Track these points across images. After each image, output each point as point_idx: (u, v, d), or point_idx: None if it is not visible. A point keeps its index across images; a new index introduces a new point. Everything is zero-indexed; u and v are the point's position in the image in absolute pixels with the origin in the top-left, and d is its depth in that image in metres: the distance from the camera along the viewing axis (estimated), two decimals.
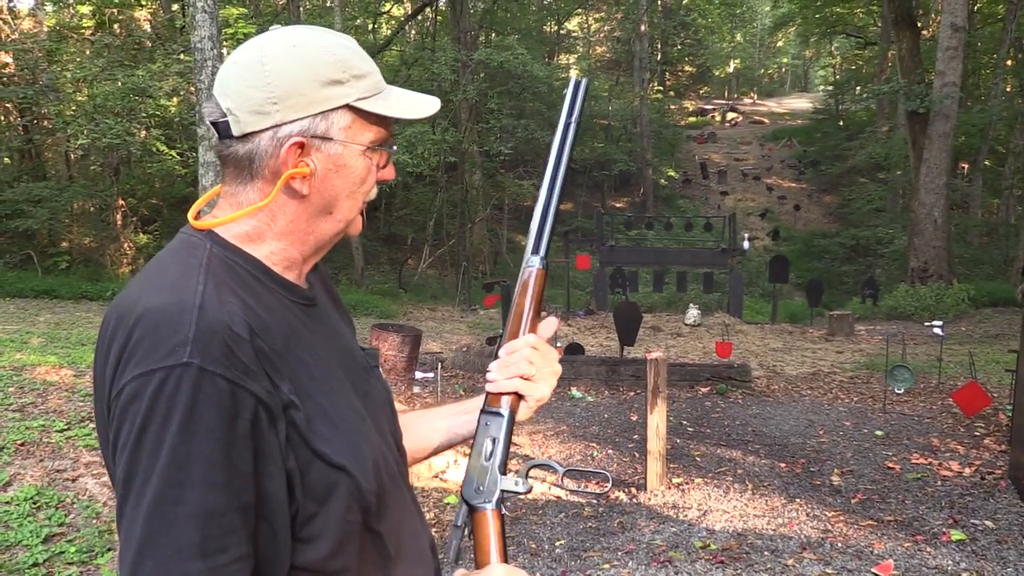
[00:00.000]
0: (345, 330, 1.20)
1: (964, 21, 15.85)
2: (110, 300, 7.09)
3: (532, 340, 1.16)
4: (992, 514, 4.70)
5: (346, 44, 1.03)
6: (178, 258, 1.00)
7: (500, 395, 1.14)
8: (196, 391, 0.86)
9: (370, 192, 1.08)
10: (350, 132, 1.02)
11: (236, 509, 0.88)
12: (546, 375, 1.16)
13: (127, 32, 19.10)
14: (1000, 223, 22.98)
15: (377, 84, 1.04)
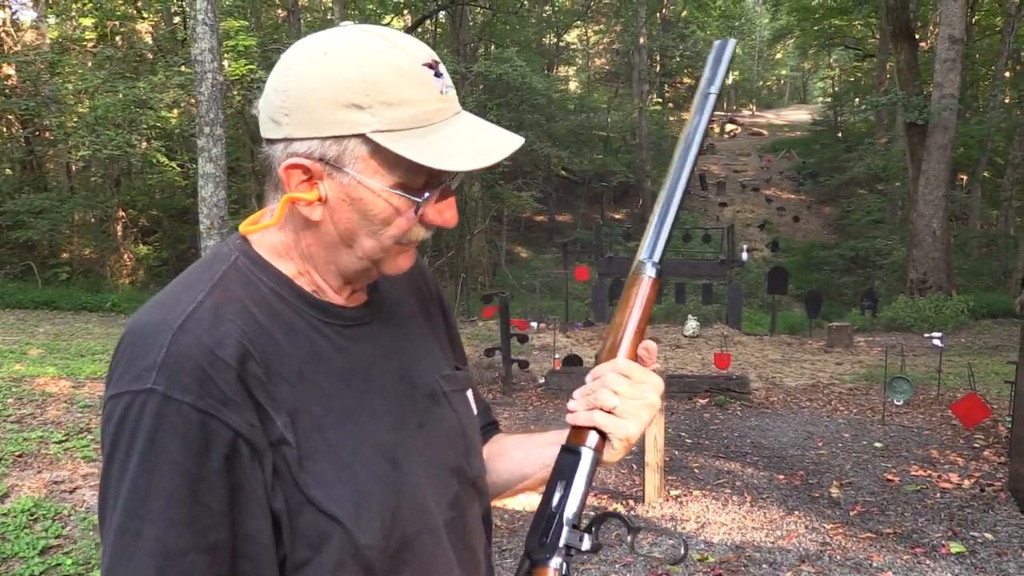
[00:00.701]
0: (415, 350, 1.06)
1: (962, 33, 15.92)
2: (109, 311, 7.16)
3: (621, 364, 0.97)
4: (992, 526, 4.69)
5: (395, 61, 0.86)
6: (196, 269, 0.94)
7: (581, 430, 0.96)
8: (159, 420, 0.80)
9: (405, 236, 0.93)
10: (368, 167, 0.87)
11: (200, 549, 0.80)
12: (635, 409, 0.95)
13: (129, 44, 19.20)
14: (999, 234, 23.01)
15: (418, 117, 0.86)
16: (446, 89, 0.90)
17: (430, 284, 1.18)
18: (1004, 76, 22.21)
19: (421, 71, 0.87)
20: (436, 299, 1.18)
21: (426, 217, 0.93)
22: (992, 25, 25.09)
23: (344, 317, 0.97)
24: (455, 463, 1.04)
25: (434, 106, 0.88)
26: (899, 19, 17.37)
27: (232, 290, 0.90)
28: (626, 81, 33.82)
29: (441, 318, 1.18)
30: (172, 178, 18.38)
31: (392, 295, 1.08)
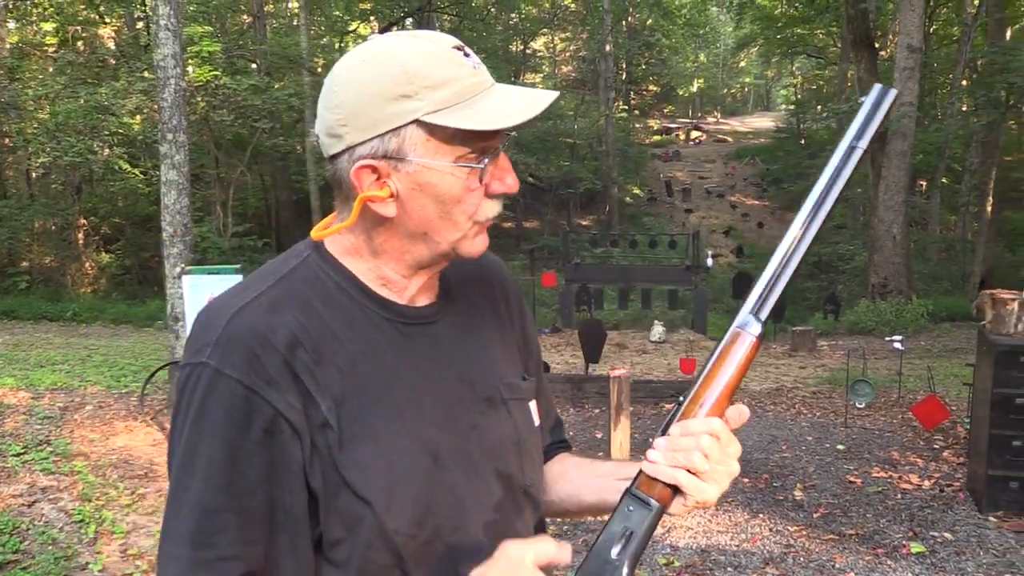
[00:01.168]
0: (479, 354, 1.09)
1: (920, 42, 16.23)
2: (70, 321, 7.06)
3: (716, 426, 0.95)
4: (951, 526, 4.78)
5: (427, 50, 0.93)
6: (271, 264, 1.03)
7: (656, 481, 0.95)
8: (209, 390, 0.90)
9: (477, 211, 0.98)
10: (428, 149, 0.93)
11: (232, 510, 0.90)
12: (719, 475, 0.95)
13: (91, 50, 18.96)
14: (957, 239, 23.45)
15: (461, 92, 0.92)
16: (477, 65, 0.96)
17: (509, 293, 1.21)
18: (961, 85, 22.66)
19: (451, 52, 0.94)
20: (514, 308, 1.21)
21: (490, 189, 0.97)
22: (949, 35, 25.62)
23: (406, 315, 1.03)
24: (506, 469, 1.06)
25: (471, 80, 0.94)
26: (859, 28, 17.68)
27: (297, 284, 0.98)
28: (592, 88, 33.98)
29: (516, 327, 1.20)
30: (135, 185, 18.13)
31: (464, 299, 1.12)
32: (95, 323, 15.21)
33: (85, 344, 11.33)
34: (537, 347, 1.26)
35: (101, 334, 13.51)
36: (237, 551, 0.90)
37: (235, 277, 5.21)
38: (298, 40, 19.46)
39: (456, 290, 1.11)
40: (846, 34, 22.25)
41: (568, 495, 1.18)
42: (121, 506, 4.71)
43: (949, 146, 21.13)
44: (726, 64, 55.48)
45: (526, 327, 1.22)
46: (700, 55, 51.14)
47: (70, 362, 8.94)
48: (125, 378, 7.88)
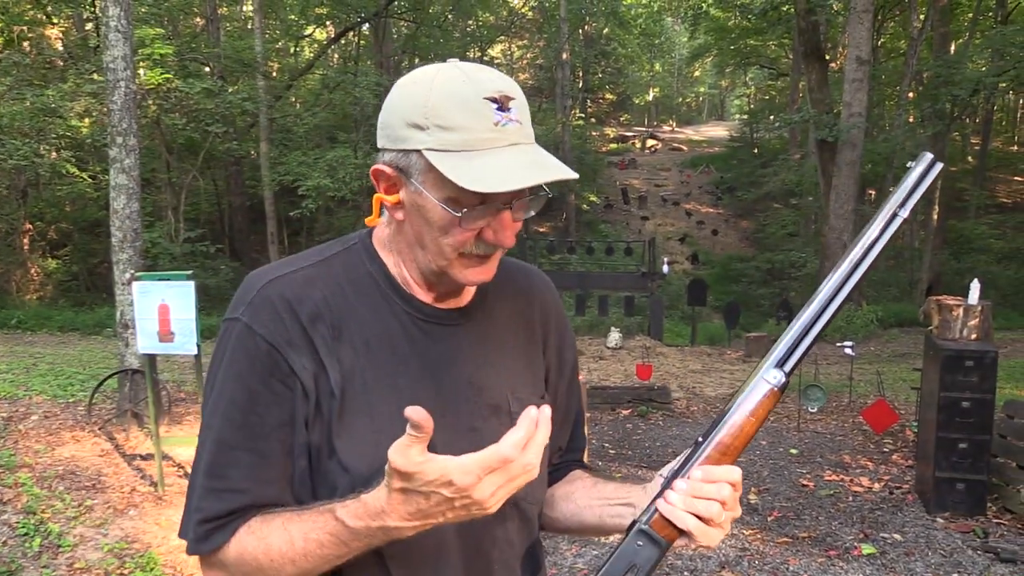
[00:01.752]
0: (497, 364, 1.14)
1: (868, 55, 16.60)
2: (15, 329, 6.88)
3: (735, 477, 1.00)
4: (900, 527, 4.87)
5: (459, 92, 0.97)
6: (318, 247, 1.13)
7: (670, 522, 0.99)
8: (239, 342, 1.02)
9: (463, 246, 1.02)
10: (427, 179, 1.00)
11: (246, 449, 1.01)
12: (727, 523, 1.01)
13: (37, 51, 18.51)
14: (905, 247, 23.99)
15: (469, 142, 0.96)
16: (507, 122, 0.99)
17: (550, 316, 1.25)
18: (908, 96, 23.23)
19: (480, 103, 0.97)
20: (551, 331, 1.25)
21: (483, 235, 1.02)
22: (897, 48, 26.27)
23: (425, 312, 1.10)
24: None
25: (484, 135, 0.97)
26: (810, 40, 18.03)
27: (334, 267, 1.09)
28: (549, 96, 34.15)
29: (550, 350, 1.24)
30: (83, 190, 17.74)
31: (497, 310, 1.17)
32: (41, 331, 14.83)
33: (30, 352, 11.04)
34: (573, 373, 1.30)
35: (47, 342, 13.17)
36: (247, 486, 1.01)
37: (187, 284, 5.10)
38: (252, 44, 19.22)
39: (492, 300, 1.17)
40: (797, 46, 22.67)
41: (571, 513, 1.21)
42: (67, 518, 4.58)
43: (896, 156, 21.61)
44: (681, 74, 56.17)
45: (563, 351, 1.27)
46: (655, 64, 51.71)
47: (14, 371, 8.69)
48: (72, 387, 7.68)
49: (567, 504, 1.21)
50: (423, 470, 0.85)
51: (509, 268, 1.24)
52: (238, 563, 1.01)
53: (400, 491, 0.88)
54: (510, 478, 0.88)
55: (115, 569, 4.11)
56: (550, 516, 1.24)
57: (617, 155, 39.98)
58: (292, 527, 0.97)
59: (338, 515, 0.94)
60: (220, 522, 1.01)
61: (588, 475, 1.28)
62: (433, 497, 0.87)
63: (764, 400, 1.01)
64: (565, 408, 1.27)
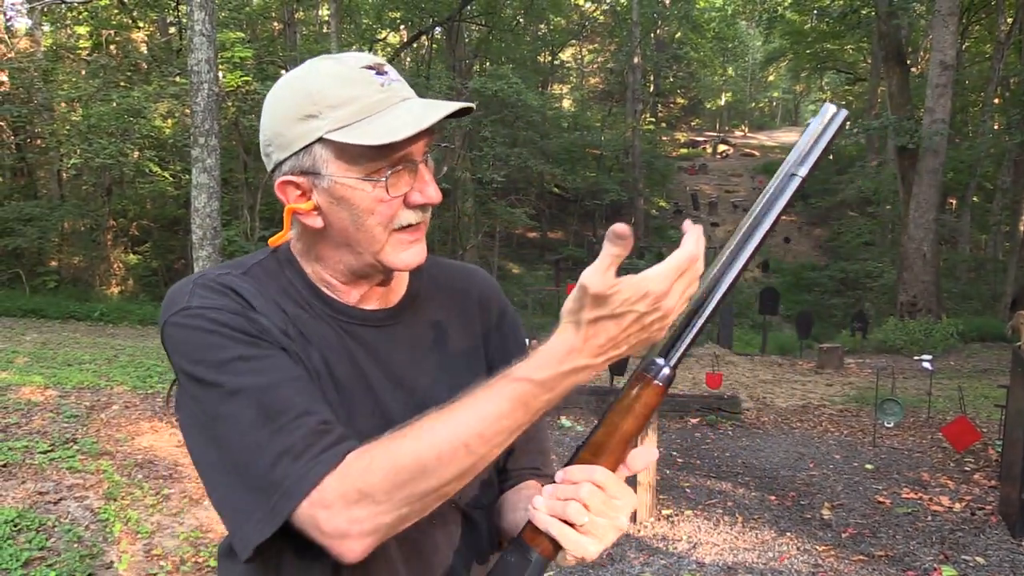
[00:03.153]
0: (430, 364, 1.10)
1: (953, 59, 16.08)
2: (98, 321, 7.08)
3: (598, 476, 0.89)
4: (983, 550, 4.68)
5: (333, 71, 0.98)
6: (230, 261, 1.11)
7: (537, 531, 0.90)
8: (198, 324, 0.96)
9: (392, 220, 1.00)
10: (339, 165, 0.97)
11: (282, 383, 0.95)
12: (601, 529, 0.88)
13: (123, 53, 19.18)
14: (988, 259, 23.16)
15: (363, 109, 0.96)
16: (389, 82, 0.99)
17: (491, 311, 1.21)
18: (994, 102, 22.41)
19: (360, 72, 0.98)
20: (493, 326, 1.20)
21: (409, 199, 1.00)
22: (982, 52, 25.36)
23: (349, 315, 1.07)
24: None
25: (375, 97, 0.97)
26: (891, 44, 17.53)
27: (259, 275, 1.06)
28: (620, 100, 33.96)
29: (493, 345, 1.19)
30: (164, 188, 18.32)
31: (430, 309, 1.15)
32: (122, 324, 15.36)
33: (112, 344, 11.43)
34: None
35: (128, 335, 13.63)
36: (307, 407, 0.91)
37: None
38: (328, 48, 19.58)
39: (424, 300, 1.15)
40: (877, 50, 22.09)
41: (513, 523, 1.10)
42: (146, 506, 4.72)
43: (980, 164, 20.91)
44: (754, 78, 55.27)
45: (508, 346, 1.19)
46: (728, 69, 50.97)
47: (97, 362, 9.01)
48: (151, 379, 7.92)
49: (512, 514, 1.13)
50: (620, 288, 0.81)
51: (447, 268, 1.22)
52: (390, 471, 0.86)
53: (592, 322, 0.82)
54: (691, 280, 0.84)
55: (190, 557, 4.21)
56: (500, 525, 1.15)
57: (687, 160, 39.58)
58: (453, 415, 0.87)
59: (519, 375, 0.86)
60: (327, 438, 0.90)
61: (540, 483, 1.18)
62: (626, 318, 0.82)
63: (645, 396, 0.88)
64: None
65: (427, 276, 1.18)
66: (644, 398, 0.89)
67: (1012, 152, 20.35)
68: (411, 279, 1.16)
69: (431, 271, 1.19)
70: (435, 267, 1.20)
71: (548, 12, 29.14)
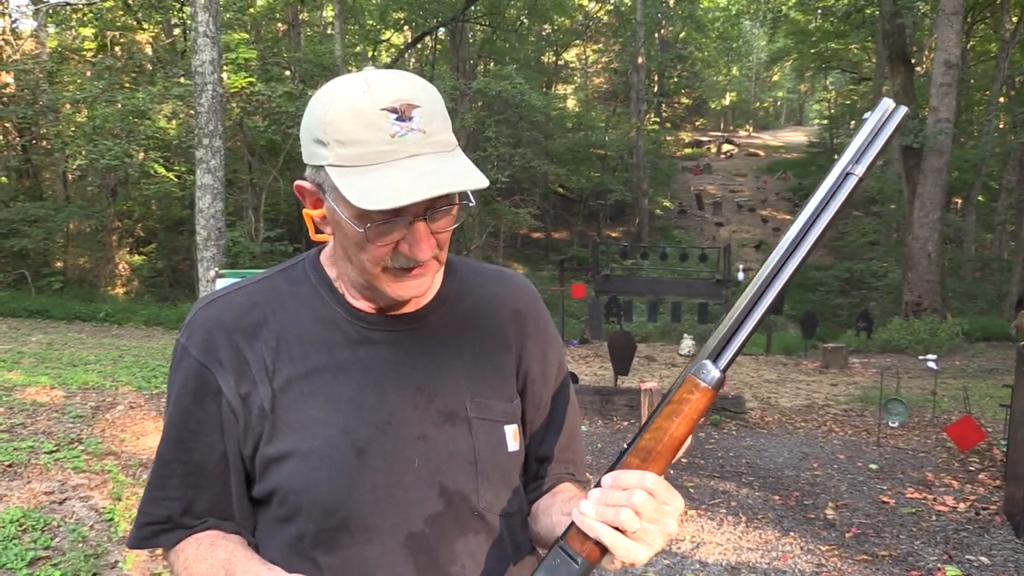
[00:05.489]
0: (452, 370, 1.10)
1: (958, 58, 16.04)
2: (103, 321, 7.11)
3: (651, 482, 0.87)
4: (987, 550, 4.67)
5: (354, 104, 0.94)
6: (278, 265, 1.17)
7: (586, 536, 0.89)
8: (178, 363, 1.08)
9: (381, 261, 1.00)
10: (336, 195, 0.97)
11: (180, 462, 1.07)
12: (651, 535, 0.88)
13: (128, 55, 19.23)
14: (993, 258, 23.10)
15: (365, 156, 0.93)
16: (406, 132, 0.94)
17: (525, 317, 1.19)
18: (999, 101, 22.36)
19: (377, 115, 0.93)
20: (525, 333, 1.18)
21: (399, 248, 0.99)
22: (987, 51, 25.31)
23: (368, 320, 1.09)
24: (454, 487, 1.05)
25: (380, 148, 0.93)
26: (895, 44, 17.49)
27: (279, 282, 1.12)
28: (624, 100, 33.96)
29: (524, 353, 1.18)
30: (169, 189, 18.36)
31: (459, 314, 1.14)
32: (127, 324, 15.39)
33: (117, 345, 11.46)
34: (559, 378, 1.22)
35: (133, 335, 13.66)
36: (180, 494, 1.08)
37: None
38: (332, 48, 19.61)
39: (453, 304, 1.14)
40: (881, 49, 22.04)
41: (547, 528, 1.12)
42: None
43: (986, 164, 20.85)
44: (759, 78, 55.21)
45: (546, 359, 1.20)
46: (733, 68, 50.95)
47: (102, 362, 9.03)
48: (156, 379, 7.94)
49: (545, 518, 1.13)
50: None
51: (482, 273, 1.21)
52: (176, 569, 1.09)
53: None
54: None
55: None
56: (534, 530, 1.17)
57: (692, 160, 39.55)
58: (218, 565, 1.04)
59: None
60: (163, 526, 1.09)
61: (574, 487, 1.20)
62: None
63: (695, 400, 0.88)
64: (550, 417, 1.20)
65: (459, 280, 1.17)
66: (694, 402, 0.88)
67: (1017, 151, 20.31)
68: (443, 282, 1.15)
69: (464, 275, 1.18)
70: (469, 270, 1.20)
71: (552, 12, 29.13)
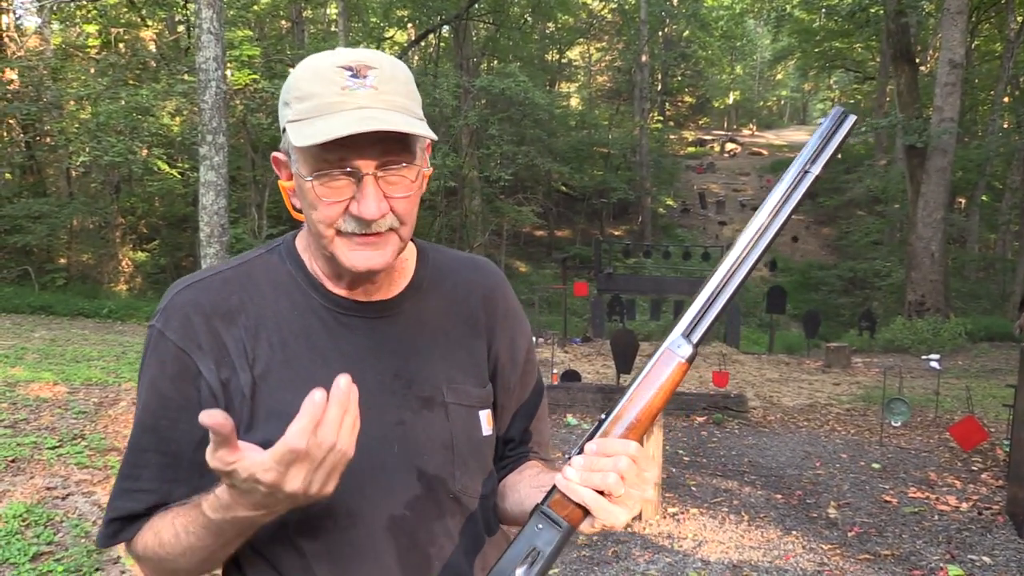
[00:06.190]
0: (429, 356, 1.12)
1: (962, 58, 16.01)
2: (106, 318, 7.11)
3: (634, 449, 0.93)
4: (990, 550, 4.66)
5: (315, 64, 0.98)
6: (252, 250, 1.16)
7: (568, 500, 0.93)
8: (153, 348, 1.05)
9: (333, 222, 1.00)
10: (297, 156, 1.00)
11: (156, 451, 1.04)
12: (632, 499, 0.93)
13: (132, 52, 19.23)
14: (997, 258, 23.06)
15: (318, 107, 0.95)
16: (358, 87, 0.96)
17: (496, 304, 1.22)
18: (1003, 101, 22.31)
19: (333, 71, 0.97)
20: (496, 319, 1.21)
21: (349, 208, 0.99)
22: (992, 51, 25.25)
23: (345, 306, 1.09)
24: (431, 470, 1.08)
25: (332, 99, 0.95)
26: (900, 43, 17.46)
27: (255, 268, 1.10)
28: (627, 98, 33.93)
29: (495, 338, 1.21)
30: (172, 186, 18.36)
31: (432, 300, 1.16)
32: (130, 320, 15.40)
33: (120, 341, 11.47)
34: (527, 362, 1.25)
35: (136, 332, 13.67)
36: (155, 486, 1.04)
37: None
38: (336, 46, 19.57)
39: (427, 291, 1.16)
40: (886, 48, 22.01)
41: (516, 503, 1.15)
42: None
43: (990, 163, 20.81)
44: (762, 77, 55.12)
45: (515, 343, 1.23)
46: (736, 67, 50.85)
47: (105, 358, 9.04)
48: None
49: (513, 494, 1.16)
50: (234, 469, 0.84)
51: (454, 259, 1.23)
52: (144, 555, 1.05)
53: (229, 486, 0.88)
54: (317, 464, 0.86)
55: None
56: (500, 506, 1.20)
57: (695, 159, 39.51)
58: (177, 521, 0.99)
59: (203, 509, 0.94)
60: (128, 521, 1.05)
61: (540, 464, 1.23)
62: (256, 491, 0.86)
63: (671, 373, 0.95)
64: (517, 400, 1.23)
65: (432, 267, 1.19)
66: (670, 375, 0.95)
67: (1021, 151, 20.27)
68: (416, 269, 1.17)
69: (437, 261, 1.20)
70: (441, 257, 1.22)
71: (556, 10, 29.10)
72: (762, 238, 0.95)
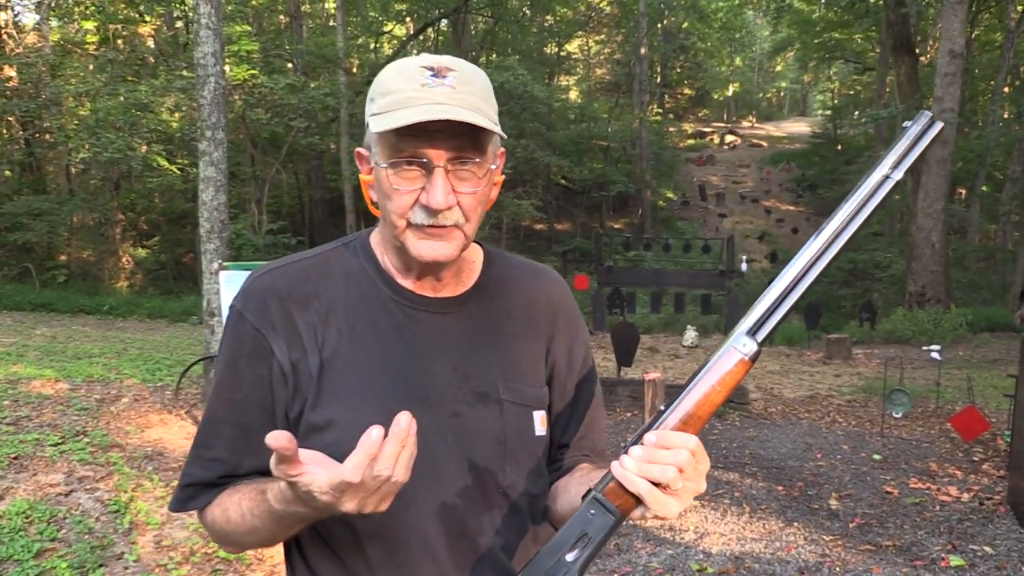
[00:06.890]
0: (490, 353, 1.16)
1: (962, 48, 15.96)
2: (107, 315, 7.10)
3: (694, 444, 0.95)
4: (991, 540, 4.67)
5: (400, 65, 1.05)
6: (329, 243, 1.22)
7: (623, 489, 0.95)
8: (233, 328, 1.13)
9: (407, 212, 1.05)
10: (378, 148, 1.06)
11: (230, 423, 1.12)
12: (686, 492, 0.95)
13: (130, 48, 19.21)
14: (997, 248, 23.05)
15: (398, 101, 1.01)
16: (437, 85, 1.02)
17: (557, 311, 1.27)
18: (1003, 91, 22.27)
19: (416, 70, 1.03)
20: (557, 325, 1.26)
21: (420, 200, 1.04)
22: (992, 40, 25.18)
23: (413, 300, 1.15)
24: (483, 463, 1.12)
25: (411, 93, 1.01)
26: (900, 33, 17.43)
27: (330, 258, 1.17)
28: (627, 91, 33.88)
29: (554, 344, 1.25)
30: (172, 182, 18.35)
31: (498, 302, 1.21)
32: (131, 317, 15.42)
33: (121, 338, 11.49)
34: (584, 369, 1.29)
35: (137, 328, 13.69)
36: (226, 455, 1.12)
37: None
38: (334, 40, 19.59)
39: (492, 293, 1.21)
40: (885, 39, 21.96)
41: (567, 503, 1.17)
42: (156, 498, 4.75)
43: (990, 153, 20.77)
44: (762, 68, 55.00)
45: (573, 349, 1.27)
46: (736, 59, 50.78)
47: (107, 355, 9.05)
48: (160, 372, 7.96)
49: (565, 495, 1.19)
50: (296, 482, 0.90)
51: (518, 265, 1.29)
52: (212, 527, 1.13)
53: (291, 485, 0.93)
54: (370, 492, 0.90)
55: (200, 548, 4.24)
56: (552, 508, 1.22)
57: (695, 151, 39.45)
58: (244, 503, 1.06)
59: (267, 497, 0.99)
60: (202, 488, 1.13)
61: (591, 467, 1.25)
62: (314, 502, 0.91)
63: (733, 370, 0.98)
64: (572, 407, 1.27)
65: (498, 270, 1.24)
66: (732, 372, 0.97)
67: (1022, 141, 20.23)
68: (482, 271, 1.22)
69: (503, 266, 1.26)
70: (508, 263, 1.27)
71: (554, 3, 29.05)
72: (836, 241, 0.96)
